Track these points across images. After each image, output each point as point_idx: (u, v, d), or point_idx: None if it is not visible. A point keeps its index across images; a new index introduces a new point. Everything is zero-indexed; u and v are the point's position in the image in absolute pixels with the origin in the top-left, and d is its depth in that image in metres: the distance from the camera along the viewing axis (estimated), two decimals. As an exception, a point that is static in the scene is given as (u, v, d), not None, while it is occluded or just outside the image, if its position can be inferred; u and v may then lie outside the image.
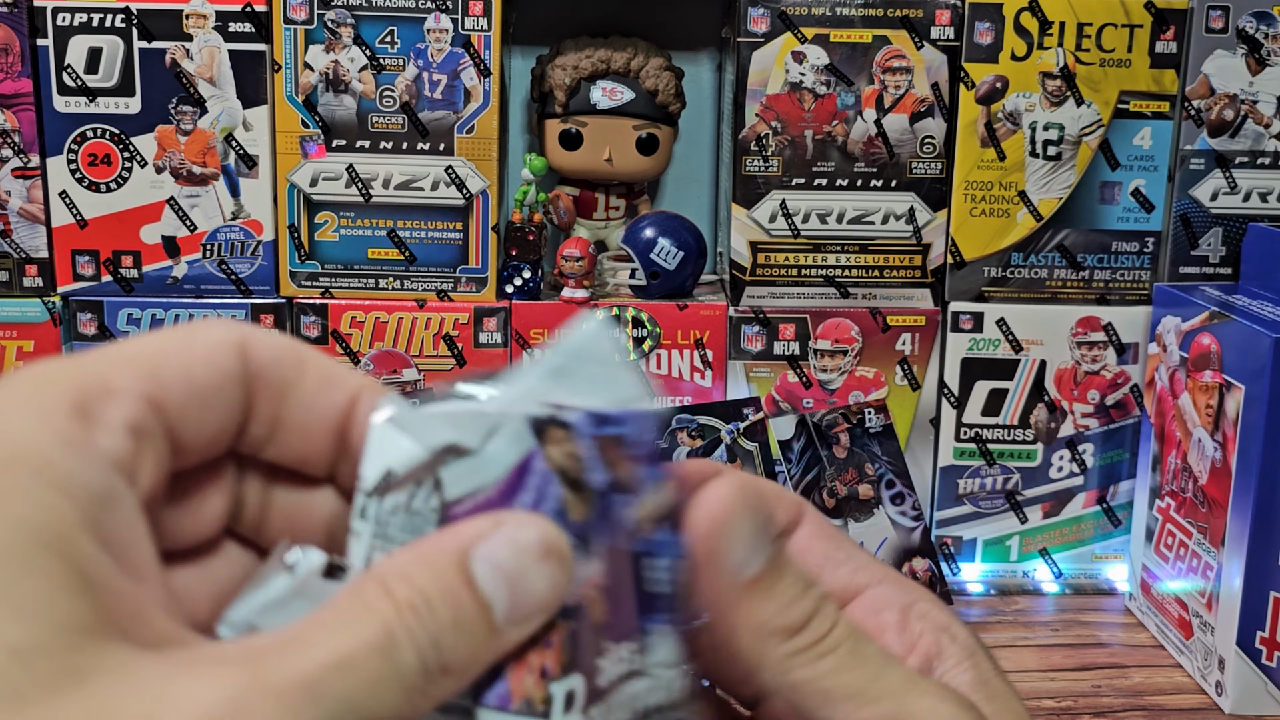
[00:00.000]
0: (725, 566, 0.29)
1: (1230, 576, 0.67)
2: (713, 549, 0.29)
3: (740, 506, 0.29)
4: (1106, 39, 0.76)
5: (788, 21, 0.76)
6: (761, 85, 0.77)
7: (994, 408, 0.79)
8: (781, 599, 0.29)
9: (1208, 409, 0.70)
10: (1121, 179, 0.78)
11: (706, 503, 0.29)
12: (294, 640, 0.24)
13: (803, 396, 0.80)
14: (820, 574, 0.33)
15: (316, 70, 0.75)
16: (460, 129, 0.76)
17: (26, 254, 0.75)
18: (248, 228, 0.77)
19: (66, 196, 0.75)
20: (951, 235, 0.78)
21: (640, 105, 0.81)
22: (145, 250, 0.76)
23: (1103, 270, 0.79)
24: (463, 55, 0.75)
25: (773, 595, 0.29)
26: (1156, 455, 0.76)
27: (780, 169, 0.78)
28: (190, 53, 0.74)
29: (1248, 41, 0.76)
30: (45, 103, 0.74)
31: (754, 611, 0.29)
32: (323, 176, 0.76)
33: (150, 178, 0.75)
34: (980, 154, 0.77)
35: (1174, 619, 0.73)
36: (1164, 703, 0.69)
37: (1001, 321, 0.78)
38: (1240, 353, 0.67)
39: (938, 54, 0.77)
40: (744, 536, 0.29)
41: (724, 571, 0.29)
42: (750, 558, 0.29)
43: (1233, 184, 0.78)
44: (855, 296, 0.79)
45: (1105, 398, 0.79)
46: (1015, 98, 0.77)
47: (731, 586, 0.29)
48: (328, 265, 0.77)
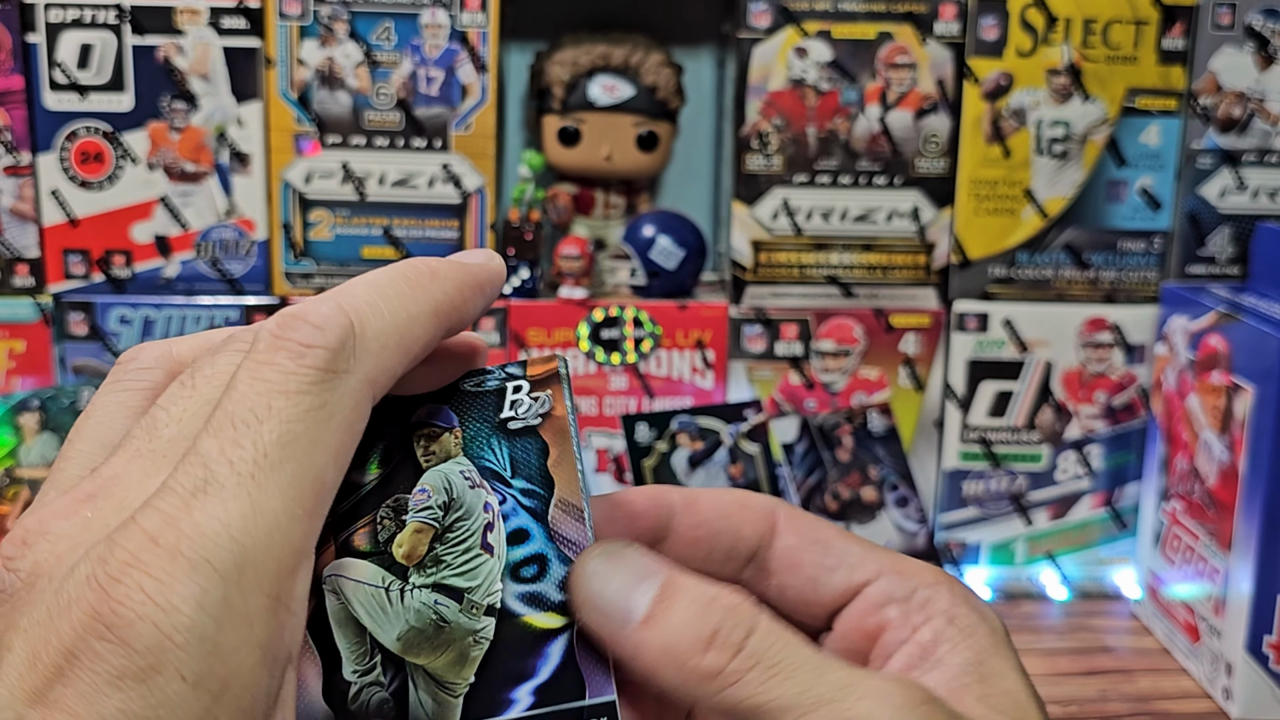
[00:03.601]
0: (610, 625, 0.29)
1: (1238, 580, 0.66)
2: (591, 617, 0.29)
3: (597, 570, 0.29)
4: (1113, 35, 0.75)
5: (790, 16, 0.75)
6: (763, 81, 0.76)
7: (1000, 409, 0.78)
8: (677, 621, 0.29)
9: (1215, 410, 0.69)
10: (1128, 177, 0.77)
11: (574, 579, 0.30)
12: None
13: (805, 398, 0.79)
14: (815, 586, 0.33)
15: (311, 66, 0.74)
16: (457, 125, 0.75)
17: (17, 253, 0.74)
18: (240, 226, 0.75)
19: (58, 194, 0.74)
20: (956, 234, 0.77)
21: (640, 102, 0.80)
22: (137, 249, 0.75)
23: (1109, 270, 0.78)
24: (459, 50, 0.74)
25: (669, 625, 0.29)
26: (1164, 457, 0.75)
27: (782, 166, 0.77)
28: (182, 48, 0.73)
29: (1255, 38, 0.76)
30: (36, 99, 0.73)
31: (657, 645, 0.29)
32: (317, 174, 0.75)
33: (142, 175, 0.74)
34: (985, 151, 0.76)
35: (1181, 623, 0.73)
36: (1171, 708, 0.68)
37: (1007, 322, 0.77)
38: (1249, 354, 0.66)
39: (942, 50, 0.76)
40: (614, 594, 0.29)
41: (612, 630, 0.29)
42: (631, 607, 0.29)
43: (1241, 182, 0.77)
44: (859, 296, 0.78)
45: (1112, 399, 0.78)
46: (1021, 94, 0.76)
47: (626, 638, 0.29)
48: (322, 264, 0.76)
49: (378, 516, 0.31)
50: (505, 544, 0.31)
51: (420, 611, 0.30)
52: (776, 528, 0.33)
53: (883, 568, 0.32)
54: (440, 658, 0.30)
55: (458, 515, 0.31)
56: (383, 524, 0.31)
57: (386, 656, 0.30)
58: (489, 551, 0.31)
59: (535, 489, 0.31)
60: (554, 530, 0.31)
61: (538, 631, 0.30)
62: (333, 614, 0.31)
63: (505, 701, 0.30)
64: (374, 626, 0.30)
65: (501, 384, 0.32)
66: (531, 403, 0.32)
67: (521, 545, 0.31)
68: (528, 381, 0.32)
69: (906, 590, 0.32)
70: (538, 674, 0.30)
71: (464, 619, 0.30)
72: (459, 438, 0.32)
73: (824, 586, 0.33)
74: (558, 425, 0.31)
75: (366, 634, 0.30)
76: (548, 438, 0.31)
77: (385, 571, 0.31)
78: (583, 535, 0.31)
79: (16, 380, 0.74)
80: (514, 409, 0.32)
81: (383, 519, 0.31)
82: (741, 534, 0.33)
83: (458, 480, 0.31)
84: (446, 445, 0.32)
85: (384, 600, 0.30)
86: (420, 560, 0.31)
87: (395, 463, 0.31)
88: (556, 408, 0.31)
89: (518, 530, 0.31)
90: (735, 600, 0.29)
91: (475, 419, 0.32)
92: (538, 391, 0.32)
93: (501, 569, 0.31)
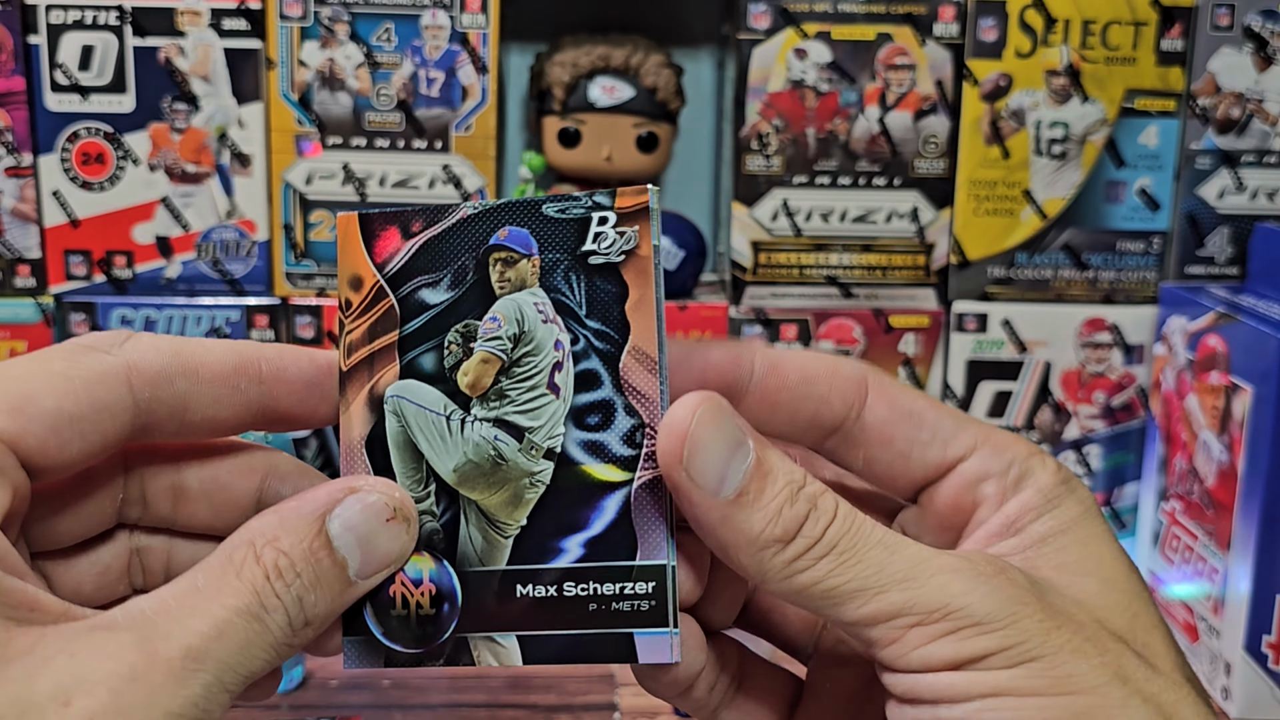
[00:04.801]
0: (700, 488, 0.28)
1: (1237, 580, 0.67)
2: (681, 478, 0.28)
3: (700, 428, 0.28)
4: (1112, 36, 0.75)
5: (789, 18, 0.75)
6: (763, 82, 0.76)
7: (999, 409, 0.78)
8: (769, 510, 0.28)
9: (1214, 410, 0.69)
10: (1127, 178, 0.77)
11: (666, 428, 0.28)
12: (177, 608, 0.27)
13: (804, 398, 0.79)
14: (906, 461, 0.31)
15: (311, 67, 0.74)
16: (457, 127, 0.75)
17: (18, 254, 0.75)
18: (242, 227, 0.76)
19: (59, 195, 0.74)
20: (955, 234, 0.78)
21: (640, 103, 0.80)
22: (138, 250, 0.75)
23: (1108, 270, 0.78)
24: (459, 52, 0.75)
25: (758, 508, 0.28)
26: (1163, 457, 0.75)
27: (782, 167, 0.77)
28: (184, 50, 0.73)
29: (1254, 39, 0.76)
30: (37, 101, 0.73)
31: (742, 528, 0.28)
32: (318, 175, 0.75)
33: (143, 176, 0.74)
34: (985, 152, 0.76)
35: (1180, 623, 0.73)
36: (1170, 708, 0.68)
37: (1006, 322, 0.78)
38: (1247, 354, 0.66)
39: (941, 51, 0.76)
40: (712, 457, 0.28)
41: (699, 493, 0.28)
42: (727, 477, 0.28)
43: (1239, 183, 0.77)
44: (858, 297, 0.79)
45: (1111, 399, 0.79)
46: (1020, 95, 0.76)
47: (714, 507, 0.28)
48: (323, 265, 0.77)
49: (446, 340, 0.30)
50: (572, 387, 0.29)
51: (479, 445, 0.30)
52: (867, 398, 0.31)
53: (977, 442, 0.31)
54: (495, 495, 0.29)
55: (527, 349, 0.30)
56: (450, 349, 0.30)
57: (441, 486, 0.30)
58: (554, 392, 0.30)
59: (609, 331, 0.29)
60: (624, 379, 0.29)
61: (596, 482, 0.29)
62: (391, 435, 0.30)
63: (554, 550, 0.29)
64: (431, 454, 0.30)
65: (586, 213, 0.30)
66: (616, 237, 0.29)
67: (589, 390, 0.29)
68: (614, 214, 0.29)
69: (1003, 465, 0.31)
70: (590, 526, 0.29)
71: (522, 459, 0.29)
72: (536, 266, 0.30)
73: (916, 461, 0.31)
74: (641, 265, 0.29)
75: (423, 461, 0.30)
76: (629, 278, 0.29)
77: (448, 399, 0.30)
78: (654, 389, 0.29)
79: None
80: (597, 242, 0.29)
81: (450, 343, 0.30)
82: (829, 403, 0.31)
83: (530, 312, 0.30)
84: (523, 272, 0.30)
85: (444, 429, 0.30)
86: (484, 392, 0.30)
87: (469, 284, 0.30)
88: (642, 246, 0.29)
89: (586, 373, 0.29)
90: (818, 489, 0.29)
91: (554, 248, 0.30)
92: (624, 226, 0.29)
93: (565, 412, 0.29)
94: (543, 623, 0.29)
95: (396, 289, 0.31)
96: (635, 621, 0.28)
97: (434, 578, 0.30)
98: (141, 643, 0.26)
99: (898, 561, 0.28)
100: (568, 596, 0.29)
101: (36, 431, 0.28)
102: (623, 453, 0.29)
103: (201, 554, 0.31)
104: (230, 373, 0.31)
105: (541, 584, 0.29)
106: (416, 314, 0.31)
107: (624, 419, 0.29)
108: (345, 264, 0.32)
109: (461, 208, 0.31)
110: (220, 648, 0.26)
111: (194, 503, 0.32)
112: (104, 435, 0.29)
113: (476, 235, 0.30)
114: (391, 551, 0.29)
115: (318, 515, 0.28)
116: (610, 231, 0.29)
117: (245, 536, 0.28)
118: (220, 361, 0.31)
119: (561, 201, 0.30)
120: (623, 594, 0.29)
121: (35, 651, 0.25)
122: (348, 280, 0.32)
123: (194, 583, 0.28)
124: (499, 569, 0.29)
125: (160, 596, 0.27)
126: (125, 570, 0.33)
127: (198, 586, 0.27)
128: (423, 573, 0.30)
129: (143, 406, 0.30)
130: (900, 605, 0.27)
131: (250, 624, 0.27)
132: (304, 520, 0.28)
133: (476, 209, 0.30)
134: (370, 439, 0.30)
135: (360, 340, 0.31)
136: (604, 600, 0.29)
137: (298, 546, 0.28)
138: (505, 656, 0.29)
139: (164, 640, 0.26)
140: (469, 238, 0.30)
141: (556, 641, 0.29)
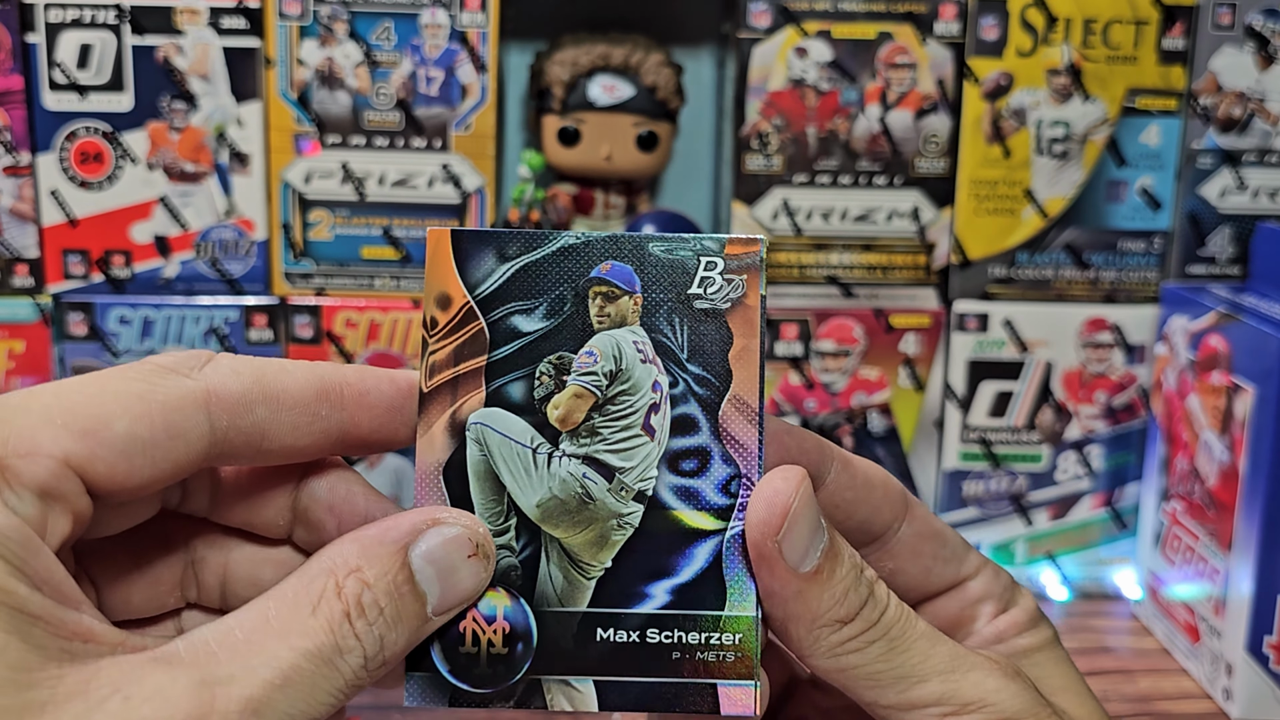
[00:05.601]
0: (785, 561, 0.29)
1: (1239, 580, 0.66)
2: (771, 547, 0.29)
3: (800, 505, 0.29)
4: (1113, 35, 0.75)
5: (790, 16, 0.75)
6: (763, 81, 0.76)
7: (1000, 409, 0.78)
8: (837, 590, 0.29)
9: (1216, 410, 0.69)
10: (1128, 177, 0.77)
11: (766, 497, 0.29)
12: (243, 648, 0.25)
13: (805, 398, 0.78)
14: (928, 576, 0.34)
15: (310, 66, 0.74)
16: (456, 126, 0.75)
17: (16, 253, 0.74)
18: (240, 226, 0.75)
19: (57, 195, 0.74)
20: (956, 234, 0.77)
21: (640, 102, 0.80)
22: (136, 249, 0.75)
23: (1109, 270, 0.78)
24: (459, 50, 0.74)
25: (829, 587, 0.29)
26: (1164, 458, 0.75)
27: (782, 166, 0.77)
28: (182, 49, 0.73)
29: (1256, 38, 0.75)
30: (35, 100, 0.73)
31: (810, 604, 0.29)
32: (316, 174, 0.75)
33: (142, 175, 0.74)
34: (986, 151, 0.76)
35: (1181, 624, 0.73)
36: (1171, 709, 0.68)
37: (1007, 322, 0.77)
38: (1249, 354, 0.66)
39: (942, 49, 0.76)
40: (803, 534, 0.29)
41: (783, 565, 0.29)
42: (809, 552, 0.29)
43: (1241, 182, 0.77)
44: (859, 296, 0.78)
45: (1113, 399, 0.78)
46: (1021, 94, 0.76)
47: (790, 579, 0.29)
48: (321, 264, 0.76)
49: (537, 371, 0.29)
50: (669, 430, 0.29)
51: (566, 482, 0.29)
52: (909, 514, 0.34)
53: (980, 566, 0.35)
54: (579, 534, 0.29)
55: (623, 388, 0.29)
56: (541, 380, 0.29)
57: (522, 521, 0.29)
58: (649, 434, 0.29)
59: (710, 378, 0.29)
60: (723, 428, 0.29)
61: (687, 529, 0.29)
62: (472, 464, 0.29)
63: (639, 595, 0.29)
64: (514, 487, 0.29)
65: (695, 256, 0.30)
66: (724, 284, 0.29)
67: (686, 435, 0.29)
68: (723, 260, 0.29)
69: (999, 588, 0.35)
70: (679, 573, 0.29)
71: (611, 499, 0.29)
72: (638, 305, 0.30)
73: (935, 577, 0.34)
74: (747, 315, 0.29)
75: (505, 493, 0.29)
76: (734, 325, 0.29)
77: (535, 431, 0.29)
78: (752, 439, 0.29)
79: (16, 381, 0.74)
80: (703, 286, 0.29)
81: (542, 374, 0.29)
82: (880, 512, 0.34)
83: (629, 350, 0.29)
84: (624, 309, 0.30)
85: (530, 461, 0.29)
86: (575, 427, 0.29)
87: (566, 316, 0.30)
88: (749, 296, 0.29)
89: (684, 418, 0.29)
90: (874, 575, 0.31)
91: (658, 287, 0.29)
92: (732, 274, 0.29)
93: (660, 455, 0.29)
94: (622, 669, 0.29)
95: (488, 312, 0.30)
96: (720, 673, 0.28)
97: (509, 616, 0.29)
98: (199, 688, 0.24)
99: (940, 654, 0.30)
100: (650, 643, 0.28)
101: (106, 457, 0.27)
102: (717, 501, 0.29)
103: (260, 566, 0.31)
104: (312, 399, 0.29)
105: (624, 629, 0.29)
106: (507, 340, 0.30)
107: (721, 467, 0.29)
108: (434, 281, 0.31)
109: (563, 236, 0.30)
110: (283, 698, 0.25)
111: (230, 496, 0.31)
112: (176, 463, 0.28)
113: (577, 266, 0.30)
114: (470, 588, 0.28)
115: (401, 546, 0.27)
116: (718, 278, 0.29)
117: (324, 564, 0.27)
118: (302, 388, 0.29)
119: (667, 242, 0.30)
120: (708, 644, 0.28)
121: (89, 692, 0.24)
122: (435, 298, 0.31)
123: (265, 614, 0.26)
124: (579, 610, 0.29)
125: (227, 627, 0.26)
126: (178, 582, 0.32)
127: (268, 619, 0.26)
128: (497, 610, 0.29)
129: (219, 435, 0.28)
130: (939, 696, 0.29)
131: (320, 669, 0.25)
132: (387, 550, 0.27)
133: (580, 239, 0.30)
134: (449, 466, 0.30)
135: (445, 362, 0.30)
136: (689, 649, 0.28)
137: (382, 579, 0.27)
138: (580, 701, 0.29)
139: (224, 686, 0.24)
140: (569, 268, 0.30)
141: (636, 689, 0.28)
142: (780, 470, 0.29)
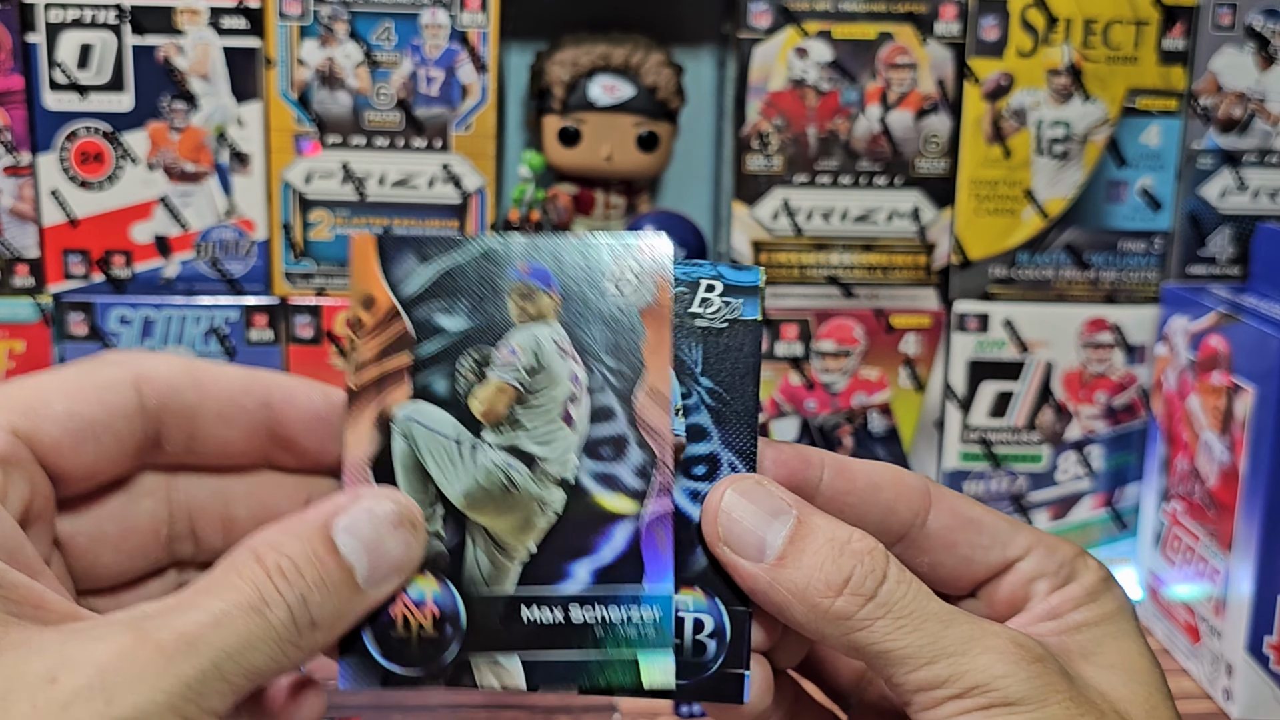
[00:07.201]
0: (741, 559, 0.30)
1: (1239, 581, 0.66)
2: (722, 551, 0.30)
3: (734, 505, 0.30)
4: (1114, 35, 0.75)
5: (790, 17, 0.75)
6: (763, 81, 0.76)
7: (1000, 410, 0.78)
8: (807, 566, 0.30)
9: (1216, 411, 0.69)
10: (1129, 177, 0.77)
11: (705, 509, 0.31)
12: (176, 605, 0.27)
13: (805, 398, 0.78)
14: (969, 565, 0.34)
15: (311, 66, 0.74)
16: (457, 126, 0.75)
17: (17, 253, 0.74)
18: (240, 226, 0.75)
19: (58, 194, 0.74)
20: (957, 234, 0.77)
21: (640, 102, 0.80)
22: (137, 249, 0.75)
23: (1110, 270, 0.78)
24: (459, 51, 0.74)
25: (799, 566, 0.30)
26: (1164, 458, 0.75)
27: (782, 166, 0.77)
28: (182, 49, 0.73)
29: (1256, 38, 0.75)
30: (36, 99, 0.73)
31: (788, 587, 0.30)
32: (317, 174, 0.75)
33: (142, 175, 0.74)
34: (986, 151, 0.76)
35: (1181, 624, 0.73)
36: (1172, 710, 0.68)
37: (1008, 322, 0.77)
38: (1249, 354, 0.66)
39: (943, 50, 0.76)
40: (745, 530, 0.30)
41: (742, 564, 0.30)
42: (766, 544, 0.30)
43: (1241, 182, 0.77)
44: (859, 296, 0.78)
45: (1113, 400, 0.78)
46: (1021, 94, 0.76)
47: (758, 574, 0.30)
48: (322, 264, 0.76)
49: (460, 366, 0.31)
50: (588, 419, 0.31)
51: (490, 472, 0.30)
52: (930, 506, 0.34)
53: (1032, 544, 0.34)
54: (504, 520, 0.30)
55: (542, 381, 0.31)
56: (462, 374, 0.31)
57: (449, 510, 0.30)
58: (569, 424, 0.30)
59: (625, 370, 0.31)
60: (639, 416, 0.30)
61: (606, 512, 0.30)
62: (399, 457, 0.30)
63: (562, 573, 0.30)
64: (440, 477, 0.30)
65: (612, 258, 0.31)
66: (638, 284, 0.31)
67: (604, 424, 0.31)
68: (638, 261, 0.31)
69: (1055, 565, 0.34)
70: (600, 554, 0.30)
71: (533, 486, 0.30)
72: (557, 303, 0.31)
73: (978, 564, 0.34)
74: (659, 312, 0.31)
75: (431, 483, 0.30)
76: (648, 323, 0.31)
77: (459, 424, 0.30)
78: (666, 426, 0.30)
79: (16, 380, 0.74)
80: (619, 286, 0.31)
81: (465, 370, 0.31)
82: (895, 510, 0.33)
83: (548, 345, 0.31)
84: (543, 307, 0.31)
85: (454, 453, 0.30)
86: (498, 420, 0.30)
87: (487, 315, 0.31)
88: (661, 295, 0.31)
89: (602, 408, 0.31)
90: (868, 545, 0.30)
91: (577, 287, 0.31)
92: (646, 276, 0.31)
93: (579, 443, 0.30)
94: (548, 646, 0.30)
95: (411, 312, 0.32)
96: (641, 646, 0.29)
97: (438, 600, 0.30)
98: (134, 628, 0.26)
99: (950, 636, 0.30)
100: (575, 622, 0.30)
101: (50, 431, 0.29)
102: (634, 485, 0.30)
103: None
104: (238, 391, 0.32)
105: (549, 608, 0.30)
106: (430, 338, 0.31)
107: (636, 453, 0.30)
108: (358, 283, 0.32)
109: (484, 240, 0.31)
110: (217, 635, 0.26)
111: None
112: (118, 439, 0.30)
113: (498, 267, 0.31)
114: (400, 557, 0.29)
115: (322, 522, 0.29)
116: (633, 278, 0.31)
117: (248, 544, 0.28)
118: (229, 379, 0.32)
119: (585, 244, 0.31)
120: (629, 620, 0.29)
121: (30, 643, 0.25)
122: (360, 299, 0.32)
123: (194, 586, 0.28)
124: (505, 593, 0.30)
125: (163, 600, 0.27)
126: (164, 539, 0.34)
127: (198, 588, 0.28)
128: (425, 594, 0.30)
129: (152, 414, 0.30)
130: (945, 677, 0.29)
131: (250, 616, 0.27)
132: (308, 526, 0.29)
133: (498, 242, 0.31)
134: (377, 460, 0.31)
135: (370, 360, 0.32)
136: (610, 626, 0.29)
137: (301, 550, 0.28)
138: (509, 678, 0.30)
139: (158, 628, 0.26)
140: (489, 268, 0.31)
141: (561, 665, 0.29)
142: (720, 482, 0.31)
